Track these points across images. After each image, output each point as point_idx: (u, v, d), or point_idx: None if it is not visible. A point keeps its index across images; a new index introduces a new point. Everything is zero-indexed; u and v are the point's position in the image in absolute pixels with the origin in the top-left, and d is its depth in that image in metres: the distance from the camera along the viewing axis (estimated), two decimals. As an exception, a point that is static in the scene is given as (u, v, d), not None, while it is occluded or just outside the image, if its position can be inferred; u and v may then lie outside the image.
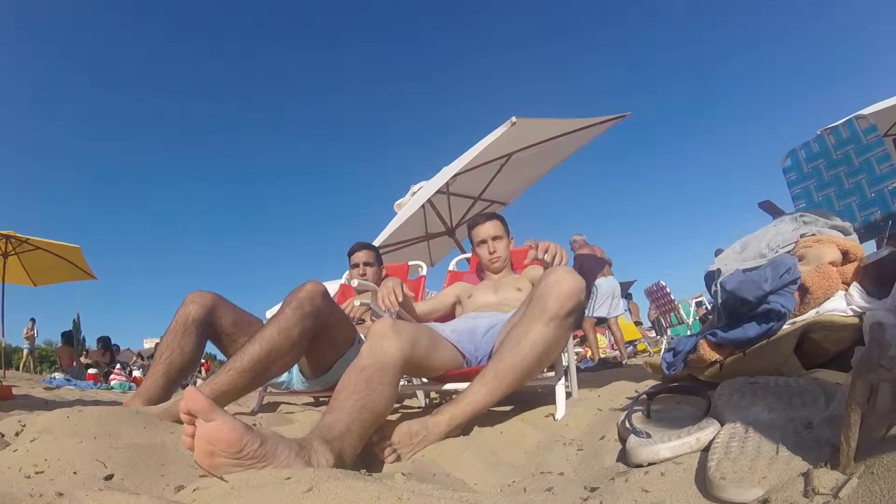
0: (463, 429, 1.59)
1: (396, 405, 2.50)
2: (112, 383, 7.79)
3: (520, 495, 1.04)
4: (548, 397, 1.96)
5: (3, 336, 9.28)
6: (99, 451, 1.16)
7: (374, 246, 3.31)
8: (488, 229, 2.70)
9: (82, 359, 10.82)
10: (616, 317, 7.07)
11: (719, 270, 1.72)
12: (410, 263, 3.61)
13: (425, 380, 2.11)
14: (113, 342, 10.92)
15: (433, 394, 2.88)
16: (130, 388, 7.33)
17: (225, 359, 2.29)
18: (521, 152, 5.32)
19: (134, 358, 13.34)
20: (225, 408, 1.85)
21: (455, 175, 4.78)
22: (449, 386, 2.01)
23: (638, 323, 12.27)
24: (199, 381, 7.60)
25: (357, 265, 3.15)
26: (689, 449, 1.03)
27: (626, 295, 11.68)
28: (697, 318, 9.10)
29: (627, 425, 1.21)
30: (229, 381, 1.75)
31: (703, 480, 0.90)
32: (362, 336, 2.37)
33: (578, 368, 5.41)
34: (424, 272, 3.48)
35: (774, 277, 1.50)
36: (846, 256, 1.65)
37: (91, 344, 14.91)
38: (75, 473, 1.07)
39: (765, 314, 1.51)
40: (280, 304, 1.93)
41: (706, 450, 0.99)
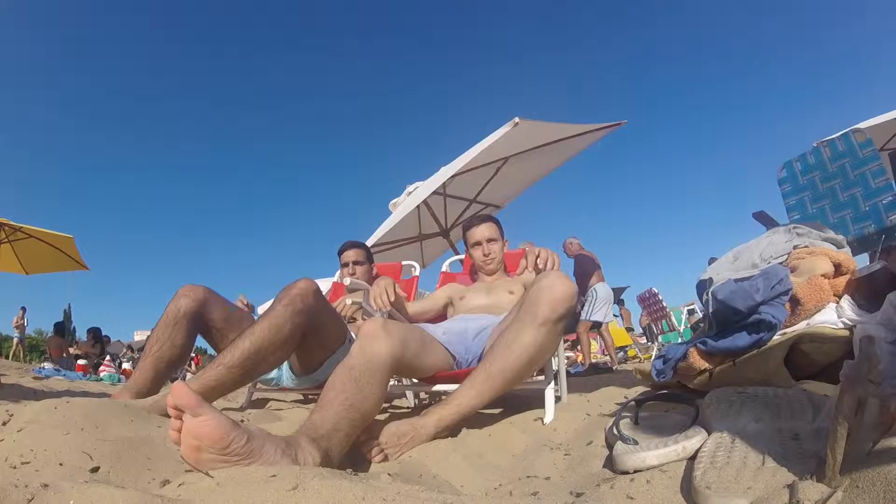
0: (451, 430, 1.59)
1: (385, 405, 2.50)
2: (101, 375, 7.75)
3: (505, 499, 1.04)
4: (537, 400, 1.96)
5: (-7, 324, 9.22)
6: (85, 443, 1.15)
7: (364, 244, 3.30)
8: (483, 231, 2.70)
9: (72, 349, 10.76)
10: (607, 323, 7.09)
11: (711, 279, 1.73)
12: (403, 263, 3.61)
13: (415, 380, 2.11)
14: (103, 333, 10.88)
15: (422, 394, 2.88)
16: (120, 381, 7.29)
17: (215, 353, 2.29)
18: (518, 156, 5.33)
19: (124, 350, 13.29)
20: (213, 403, 1.86)
21: (452, 176, 4.77)
22: (438, 387, 2.01)
23: (629, 329, 12.29)
24: (189, 375, 7.57)
25: (346, 264, 3.14)
26: (676, 457, 1.03)
27: (618, 301, 11.72)
28: (689, 326, 9.12)
29: (615, 431, 1.21)
30: (218, 377, 1.74)
31: (689, 489, 0.90)
32: (353, 335, 2.37)
33: (569, 373, 5.42)
34: (417, 272, 3.48)
35: (766, 288, 1.51)
36: (838, 269, 1.66)
37: (81, 335, 14.85)
38: (61, 465, 1.06)
39: (755, 324, 1.51)
40: (272, 301, 1.93)
41: (693, 458, 0.99)
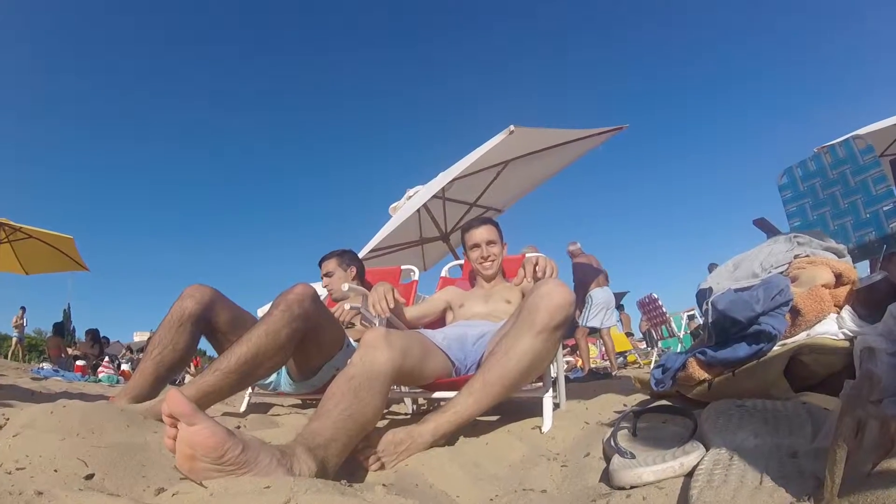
0: (448, 438, 1.58)
1: (384, 410, 2.49)
2: (100, 376, 7.76)
3: (500, 512, 1.04)
4: (535, 408, 1.95)
5: (-8, 324, 9.22)
6: (81, 449, 1.14)
7: (339, 252, 3.30)
8: (483, 233, 2.67)
9: (71, 350, 10.75)
10: (608, 327, 7.07)
11: (711, 289, 1.72)
12: (403, 268, 3.60)
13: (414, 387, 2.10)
14: (102, 334, 10.87)
15: (420, 400, 2.87)
16: (118, 382, 7.30)
17: (216, 355, 2.27)
18: (518, 160, 5.33)
19: (123, 351, 13.28)
20: (212, 407, 1.86)
21: (452, 180, 4.77)
22: (437, 394, 2.00)
23: (629, 334, 12.28)
24: (188, 377, 7.57)
25: (328, 275, 3.19)
26: (673, 473, 1.02)
27: (618, 306, 11.69)
28: (689, 332, 9.10)
29: (613, 444, 1.20)
30: (215, 382, 1.73)
31: (686, 507, 0.89)
32: (351, 340, 2.36)
33: (567, 378, 5.41)
34: (416, 277, 3.47)
35: (766, 298, 1.50)
36: (839, 279, 1.65)
37: (81, 335, 14.84)
38: (56, 471, 1.06)
39: (755, 335, 1.51)
40: (270, 304, 1.92)
41: (690, 475, 0.98)
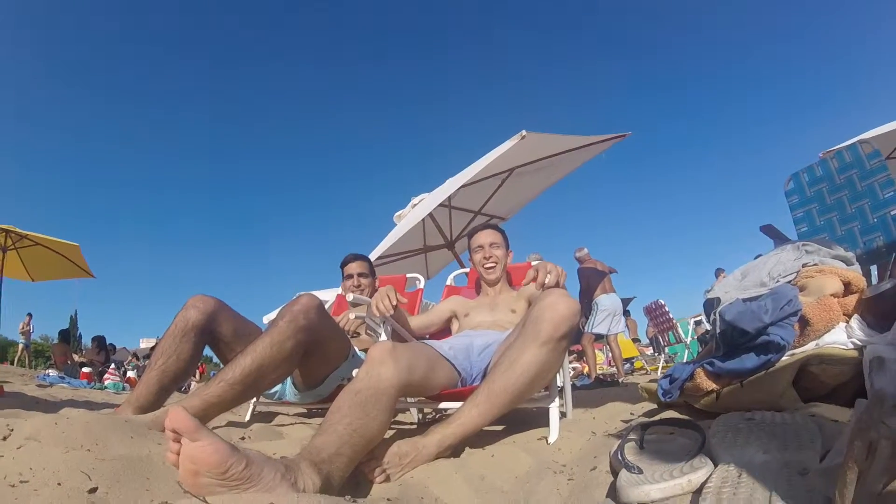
0: (453, 450, 1.57)
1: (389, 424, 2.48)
2: (106, 383, 7.77)
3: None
4: (542, 417, 1.94)
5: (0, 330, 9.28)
6: (84, 462, 1.14)
7: (367, 257, 3.28)
8: (486, 236, 2.66)
9: (77, 357, 10.78)
10: (616, 334, 7.04)
11: (719, 299, 1.71)
12: (408, 276, 3.59)
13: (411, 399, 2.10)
14: (109, 342, 10.90)
15: (427, 409, 2.86)
16: (124, 389, 7.31)
17: (221, 364, 2.27)
18: (522, 168, 5.33)
19: (129, 358, 13.32)
20: (217, 417, 1.85)
21: (459, 188, 4.78)
22: (444, 405, 1.99)
23: (636, 340, 12.23)
24: (194, 384, 7.58)
25: (351, 276, 3.09)
26: (681, 491, 1.00)
27: (625, 311, 11.65)
28: (696, 338, 9.06)
29: (620, 457, 1.19)
30: (220, 393, 1.74)
31: (693, 526, 0.88)
32: (357, 350, 2.36)
33: (574, 386, 5.38)
34: (422, 285, 3.47)
35: (775, 309, 1.49)
36: (848, 288, 1.63)
37: (87, 342, 14.89)
38: (59, 485, 1.05)
39: (763, 346, 1.49)
40: (277, 310, 1.92)
41: (698, 492, 0.97)
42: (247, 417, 2.47)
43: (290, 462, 1.16)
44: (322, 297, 2.10)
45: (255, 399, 2.47)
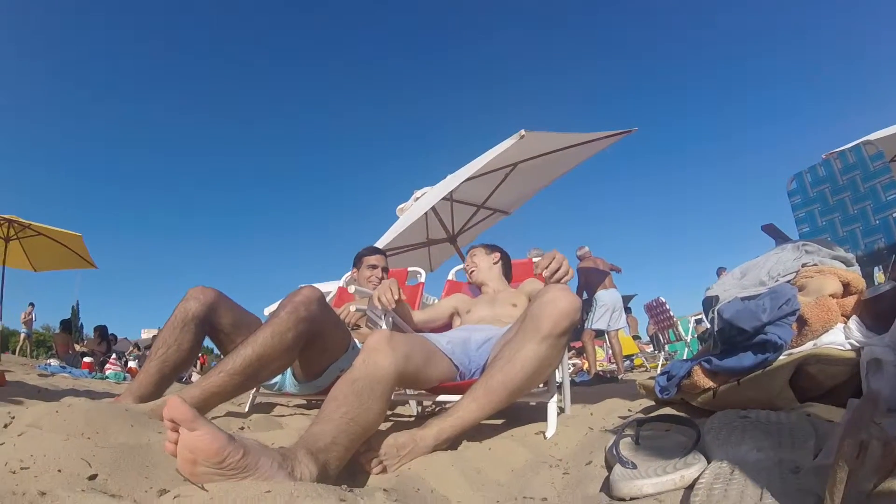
0: (451, 443, 1.58)
1: (388, 412, 2.49)
2: (107, 373, 7.79)
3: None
4: (539, 412, 1.94)
5: (1, 320, 9.30)
6: (85, 450, 1.15)
7: (384, 251, 3.30)
8: (468, 254, 3.00)
9: (78, 347, 10.82)
10: (616, 330, 7.04)
11: (717, 297, 1.71)
12: (409, 269, 3.60)
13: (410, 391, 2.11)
14: (110, 332, 10.93)
15: (426, 402, 2.87)
16: (125, 379, 7.33)
17: (222, 355, 2.28)
18: (526, 162, 5.32)
19: (130, 348, 13.36)
20: (217, 407, 1.86)
21: (460, 183, 4.78)
22: (442, 398, 2.00)
23: (636, 337, 12.24)
24: (196, 375, 7.60)
25: (375, 267, 3.14)
26: (673, 486, 1.01)
27: (626, 309, 11.66)
28: (696, 336, 9.05)
29: (615, 452, 1.19)
30: (220, 383, 1.74)
31: (685, 522, 0.88)
32: (357, 342, 2.36)
33: (573, 382, 5.39)
34: (423, 278, 3.48)
35: (773, 308, 1.49)
36: (847, 289, 1.63)
37: (89, 332, 14.94)
38: (60, 471, 1.06)
39: (761, 344, 1.50)
40: (276, 304, 1.92)
41: (690, 488, 0.98)
42: (246, 408, 2.48)
43: (287, 451, 1.16)
44: (323, 290, 2.11)
45: (255, 390, 2.48)
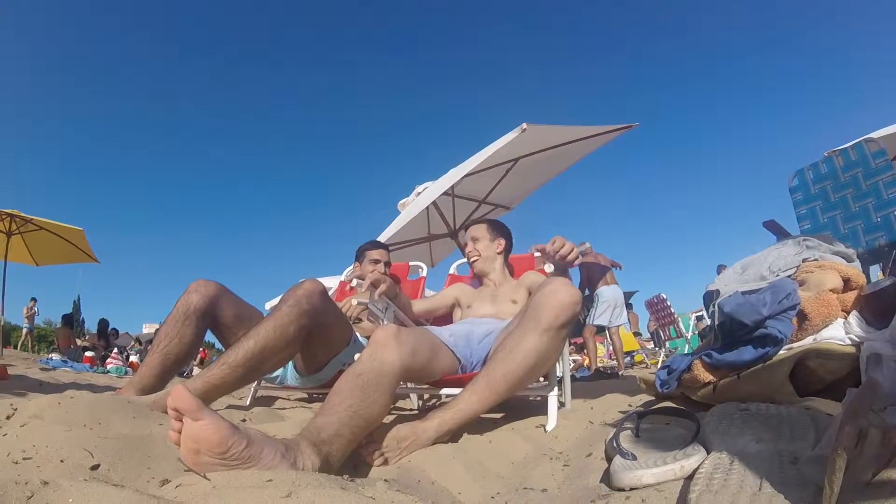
0: (452, 435, 1.59)
1: (390, 408, 2.50)
2: (108, 367, 7.81)
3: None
4: (540, 406, 1.95)
5: (3, 314, 9.32)
6: (87, 440, 1.15)
7: (386, 245, 3.31)
8: (471, 231, 2.86)
9: (80, 341, 10.84)
10: (617, 326, 7.04)
11: (718, 291, 1.71)
12: (411, 264, 3.61)
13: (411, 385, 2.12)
14: (112, 326, 10.94)
15: (426, 395, 2.88)
16: (127, 373, 7.35)
17: (223, 348, 2.29)
18: (527, 158, 5.31)
19: (132, 342, 13.38)
20: (219, 400, 1.87)
21: (462, 177, 4.77)
22: (444, 391, 2.01)
23: (637, 334, 12.23)
24: (196, 370, 7.61)
25: (377, 261, 3.15)
26: (673, 476, 1.01)
27: (627, 305, 11.65)
28: (696, 333, 9.06)
29: (615, 444, 1.20)
30: (222, 376, 1.75)
31: (684, 511, 0.88)
32: (358, 335, 2.37)
33: (574, 377, 5.39)
34: (424, 273, 3.48)
35: (773, 302, 1.49)
36: (847, 284, 1.63)
37: (90, 326, 14.97)
38: (62, 462, 1.06)
39: (761, 338, 1.50)
40: (278, 298, 1.93)
41: (690, 478, 0.98)
42: (248, 401, 2.49)
43: (290, 442, 1.17)
44: (325, 284, 2.11)
45: (257, 383, 2.49)
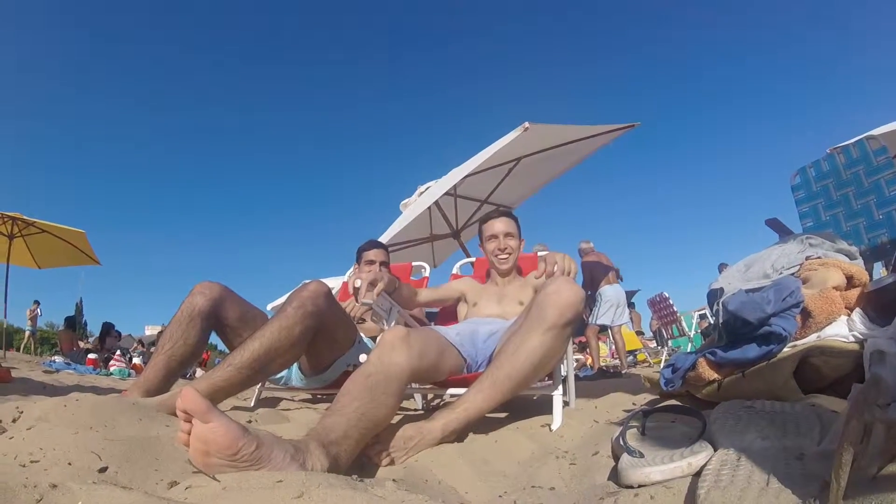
0: (458, 434, 1.59)
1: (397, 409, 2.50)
2: (112, 369, 7.80)
3: (508, 509, 1.04)
4: (545, 405, 1.95)
5: (6, 317, 9.33)
6: (94, 443, 1.16)
7: (386, 246, 3.29)
8: (501, 225, 2.59)
9: (82, 343, 10.84)
10: (620, 325, 7.04)
11: (722, 289, 1.72)
12: (413, 264, 3.61)
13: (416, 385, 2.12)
14: (115, 328, 10.94)
15: (431, 395, 2.88)
16: (130, 375, 7.34)
17: (227, 350, 2.29)
18: (529, 157, 5.30)
19: (134, 344, 13.37)
20: (224, 401, 1.87)
21: (464, 177, 4.76)
22: (449, 391, 2.01)
23: (639, 332, 12.22)
24: (199, 372, 7.61)
25: (373, 262, 3.10)
26: (681, 473, 1.02)
27: (629, 304, 11.63)
28: (699, 331, 9.05)
29: (621, 442, 1.20)
30: (227, 377, 1.75)
31: (692, 508, 0.89)
32: (363, 336, 2.38)
33: (577, 377, 5.39)
34: (427, 273, 3.48)
35: (777, 300, 1.49)
36: (850, 281, 1.64)
37: (93, 329, 14.98)
38: (70, 464, 1.07)
39: (765, 336, 1.50)
40: (284, 297, 1.93)
41: (697, 475, 0.98)
42: (252, 402, 2.49)
43: (300, 443, 1.17)
44: (328, 284, 2.12)
45: (261, 384, 2.50)
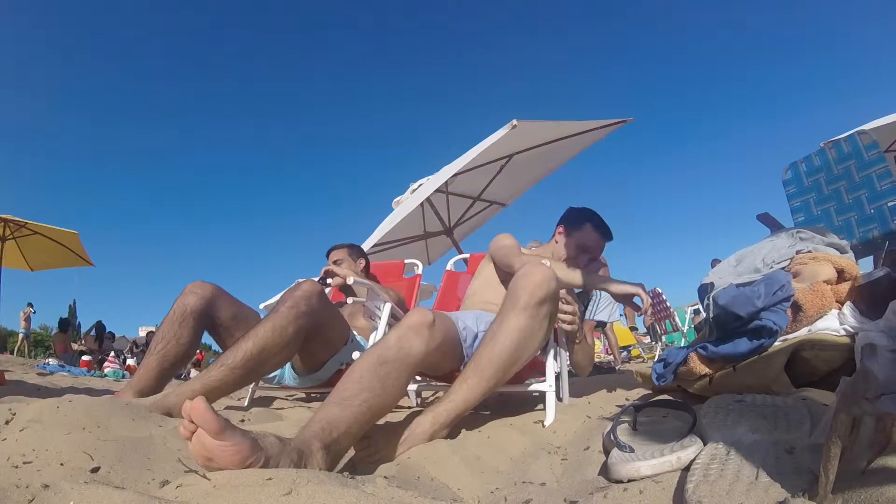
0: (449, 428, 1.57)
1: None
2: (106, 371, 7.79)
3: (498, 504, 1.04)
4: (537, 402, 1.96)
5: (-1, 320, 9.27)
6: (87, 443, 1.16)
7: (349, 244, 3.29)
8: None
9: (76, 345, 10.80)
10: (612, 322, 7.06)
11: (712, 284, 1.72)
12: (406, 262, 3.61)
13: (418, 378, 2.12)
14: (108, 329, 10.92)
15: (423, 393, 2.88)
16: (124, 377, 7.33)
17: (220, 350, 2.29)
18: (522, 154, 5.30)
19: (129, 346, 13.33)
20: (217, 401, 1.87)
21: (455, 175, 4.76)
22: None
23: (633, 328, 12.26)
24: (194, 372, 7.60)
25: (336, 262, 3.14)
26: (670, 468, 1.02)
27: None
28: (693, 327, 9.09)
29: (612, 437, 1.20)
30: (221, 377, 1.75)
31: (681, 502, 0.89)
32: (356, 335, 2.38)
33: (570, 372, 5.40)
34: (420, 271, 3.49)
35: (767, 294, 1.50)
36: (841, 275, 1.65)
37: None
38: (62, 465, 1.07)
39: (756, 330, 1.51)
40: (277, 296, 1.94)
41: (687, 469, 0.99)
42: (246, 402, 2.49)
43: (304, 446, 1.15)
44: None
45: (255, 384, 2.50)
